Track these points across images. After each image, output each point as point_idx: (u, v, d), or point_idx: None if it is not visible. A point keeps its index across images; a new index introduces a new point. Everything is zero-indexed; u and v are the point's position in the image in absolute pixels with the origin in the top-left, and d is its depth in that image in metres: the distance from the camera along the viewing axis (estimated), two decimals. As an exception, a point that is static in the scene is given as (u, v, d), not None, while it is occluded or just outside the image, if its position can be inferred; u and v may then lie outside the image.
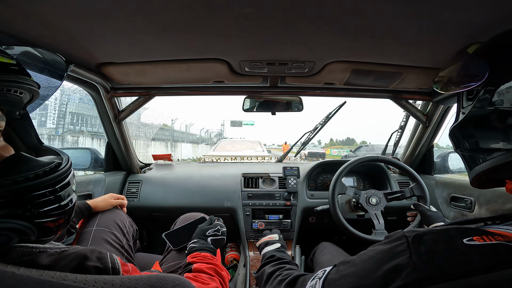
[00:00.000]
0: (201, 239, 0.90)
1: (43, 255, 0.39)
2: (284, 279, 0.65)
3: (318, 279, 0.52)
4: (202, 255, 0.80)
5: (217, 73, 1.10)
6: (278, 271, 0.72)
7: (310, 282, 0.53)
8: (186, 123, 16.07)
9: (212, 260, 0.79)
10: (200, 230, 0.94)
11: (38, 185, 0.41)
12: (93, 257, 0.43)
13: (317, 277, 0.53)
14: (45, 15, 0.66)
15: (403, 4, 0.60)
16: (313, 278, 0.54)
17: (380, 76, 1.09)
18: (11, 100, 0.45)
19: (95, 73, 1.10)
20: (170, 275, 0.43)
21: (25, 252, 0.39)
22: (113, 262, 0.45)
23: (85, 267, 0.41)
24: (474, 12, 0.62)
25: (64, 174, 0.45)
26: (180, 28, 0.73)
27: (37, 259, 0.38)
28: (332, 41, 0.81)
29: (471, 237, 0.37)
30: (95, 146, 8.64)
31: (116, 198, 1.17)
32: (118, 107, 1.43)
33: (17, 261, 0.37)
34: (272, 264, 0.80)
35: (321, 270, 0.54)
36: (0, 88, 0.43)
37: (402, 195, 1.28)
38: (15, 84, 0.45)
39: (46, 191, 0.42)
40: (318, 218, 1.58)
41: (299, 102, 1.45)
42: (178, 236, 1.05)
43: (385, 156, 1.57)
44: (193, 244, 0.87)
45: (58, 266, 0.39)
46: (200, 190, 1.59)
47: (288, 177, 1.58)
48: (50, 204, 0.43)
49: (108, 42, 0.84)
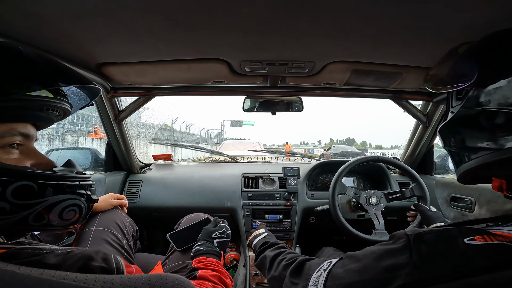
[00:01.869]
0: (207, 241, 0.90)
1: (50, 256, 0.40)
2: (289, 263, 0.65)
3: (323, 270, 0.52)
4: (208, 260, 0.80)
5: (217, 73, 1.10)
6: (280, 256, 0.72)
7: (316, 273, 0.54)
8: (187, 123, 16.09)
9: (218, 266, 0.79)
10: (206, 232, 0.94)
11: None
12: (98, 258, 0.44)
13: (323, 268, 0.53)
14: (46, 16, 0.66)
15: (403, 4, 0.60)
16: (319, 269, 0.54)
17: (380, 76, 1.09)
18: (49, 118, 0.53)
19: (96, 73, 1.10)
20: (170, 275, 0.43)
21: (33, 253, 0.40)
22: (117, 263, 0.46)
23: (90, 267, 0.42)
24: (475, 12, 0.62)
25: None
26: (180, 28, 0.74)
27: (44, 259, 0.39)
28: (332, 41, 0.81)
29: (472, 237, 0.37)
30: (95, 146, 8.64)
31: (116, 198, 1.16)
32: (118, 107, 1.44)
33: (26, 261, 0.38)
34: (271, 249, 0.80)
35: (327, 261, 0.55)
36: (47, 107, 0.50)
37: (402, 195, 1.28)
38: (58, 106, 0.52)
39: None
40: (318, 218, 1.58)
41: (299, 102, 1.44)
42: (183, 237, 1.05)
43: (385, 156, 1.57)
44: (199, 247, 0.87)
45: (65, 265, 0.40)
46: (200, 190, 1.59)
47: (288, 177, 1.58)
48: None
49: (108, 42, 0.84)
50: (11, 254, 0.39)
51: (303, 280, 0.56)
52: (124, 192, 1.59)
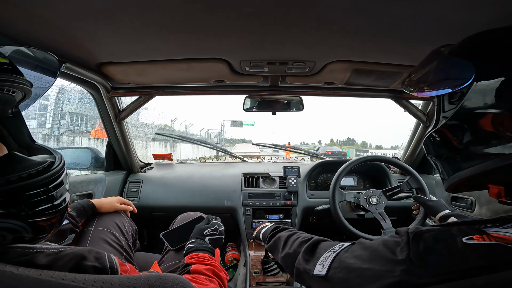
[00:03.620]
0: (199, 239, 0.89)
1: (41, 255, 0.40)
2: (305, 240, 0.65)
3: (333, 252, 0.53)
4: (200, 255, 0.80)
5: (217, 72, 1.10)
6: (295, 235, 0.73)
7: (326, 253, 0.55)
8: (186, 123, 16.04)
9: (210, 261, 0.79)
10: (198, 229, 0.94)
11: (32, 184, 0.41)
12: (91, 257, 0.43)
13: (333, 250, 0.54)
14: (46, 16, 0.66)
15: (403, 4, 0.60)
16: (330, 250, 0.55)
17: (380, 75, 1.09)
18: (3, 99, 0.46)
19: (96, 72, 1.10)
20: (169, 275, 0.43)
21: (22, 253, 0.39)
22: (111, 262, 0.45)
23: (83, 267, 0.41)
24: (475, 11, 0.62)
25: (57, 174, 0.45)
26: (180, 27, 0.74)
27: (34, 259, 0.39)
28: (333, 40, 0.81)
29: (471, 236, 0.37)
30: (95, 145, 8.62)
31: (122, 203, 1.15)
32: (118, 106, 1.43)
33: (15, 261, 0.37)
34: (285, 231, 0.80)
35: (340, 243, 0.56)
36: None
37: (400, 190, 1.28)
38: (7, 83, 0.45)
39: (40, 191, 0.42)
40: (318, 218, 1.58)
41: (299, 102, 1.44)
42: (176, 235, 1.05)
43: (384, 156, 1.57)
44: (191, 245, 0.86)
45: (56, 266, 0.39)
46: (200, 189, 1.59)
47: (288, 176, 1.58)
48: (44, 204, 0.42)
49: (109, 42, 0.84)
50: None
51: (314, 258, 0.57)
52: (124, 192, 1.59)
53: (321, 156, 2.05)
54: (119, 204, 1.13)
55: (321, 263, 0.53)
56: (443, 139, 0.51)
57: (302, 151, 2.21)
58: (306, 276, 0.58)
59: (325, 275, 0.50)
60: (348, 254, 0.50)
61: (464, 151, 0.46)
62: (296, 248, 0.66)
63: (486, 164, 0.43)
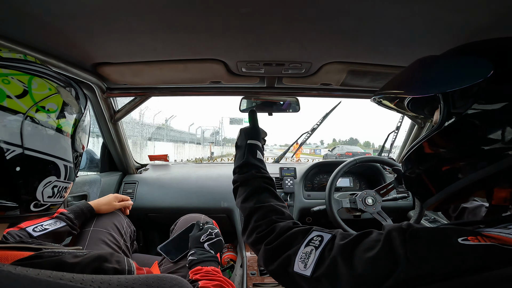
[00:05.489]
0: (198, 248, 0.88)
1: (69, 256, 0.42)
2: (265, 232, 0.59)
3: (314, 248, 0.48)
4: (204, 270, 0.78)
5: (213, 73, 1.10)
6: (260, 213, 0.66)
7: (304, 247, 0.49)
8: (166, 116, 14.96)
9: (216, 275, 0.77)
10: (193, 238, 0.92)
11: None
12: (112, 260, 0.45)
13: (313, 245, 0.49)
14: (41, 15, 0.66)
15: (400, 5, 0.61)
16: (306, 243, 0.49)
17: (376, 77, 1.10)
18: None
19: (91, 73, 1.09)
20: (167, 275, 0.43)
21: (53, 254, 0.42)
22: (129, 265, 0.48)
23: (104, 268, 0.43)
24: (471, 12, 0.62)
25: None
26: (176, 28, 0.73)
27: (64, 258, 0.41)
28: (329, 41, 0.82)
29: (466, 237, 0.38)
30: (89, 146, 8.50)
31: (120, 199, 1.14)
32: (114, 107, 1.42)
33: (48, 260, 0.40)
34: (252, 202, 0.70)
35: (315, 233, 0.51)
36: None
37: (392, 187, 1.28)
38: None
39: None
40: (314, 219, 1.58)
41: (296, 103, 1.45)
42: (174, 247, 1.02)
43: (380, 157, 1.58)
44: (192, 257, 0.85)
45: (82, 264, 0.42)
46: (196, 190, 1.59)
47: (284, 177, 1.59)
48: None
49: (104, 42, 0.83)
50: (36, 257, 0.40)
51: (285, 254, 0.51)
52: (119, 193, 1.58)
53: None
54: (117, 202, 1.12)
55: (302, 261, 0.48)
56: (452, 139, 0.48)
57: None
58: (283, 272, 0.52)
59: (310, 276, 0.46)
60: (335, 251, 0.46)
61: (477, 150, 0.44)
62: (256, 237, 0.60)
63: (504, 161, 0.41)
